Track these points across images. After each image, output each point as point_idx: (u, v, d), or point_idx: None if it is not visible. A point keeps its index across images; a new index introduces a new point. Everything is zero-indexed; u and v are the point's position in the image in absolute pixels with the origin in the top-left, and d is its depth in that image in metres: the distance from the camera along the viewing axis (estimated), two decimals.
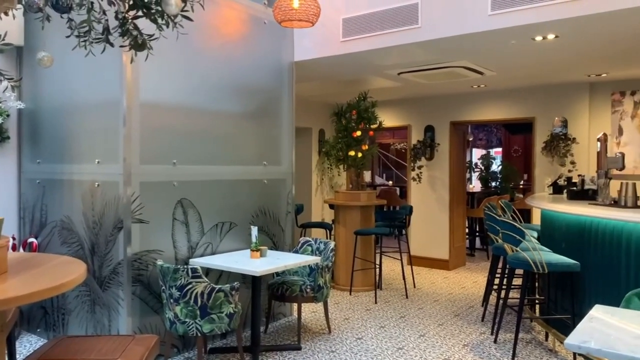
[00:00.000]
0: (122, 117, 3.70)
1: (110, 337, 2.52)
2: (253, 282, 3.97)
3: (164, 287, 3.58)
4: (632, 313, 2.49)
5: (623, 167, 4.57)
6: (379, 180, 13.99)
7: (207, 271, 4.10)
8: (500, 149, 13.68)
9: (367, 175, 6.84)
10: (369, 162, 8.04)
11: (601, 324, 2.35)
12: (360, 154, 6.36)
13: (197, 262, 3.98)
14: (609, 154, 4.82)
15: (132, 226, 3.70)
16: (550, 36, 4.21)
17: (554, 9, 3.71)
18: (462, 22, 4.17)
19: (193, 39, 4.08)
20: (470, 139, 12.98)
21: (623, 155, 4.63)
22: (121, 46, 2.33)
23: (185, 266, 3.48)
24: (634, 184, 4.04)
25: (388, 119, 8.15)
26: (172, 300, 3.51)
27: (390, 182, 13.27)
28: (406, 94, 7.82)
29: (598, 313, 2.49)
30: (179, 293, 3.46)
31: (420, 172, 7.98)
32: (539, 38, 4.27)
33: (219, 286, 3.53)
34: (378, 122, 6.52)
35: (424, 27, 4.37)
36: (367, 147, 6.45)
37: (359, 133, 6.34)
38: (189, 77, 4.15)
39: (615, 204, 4.15)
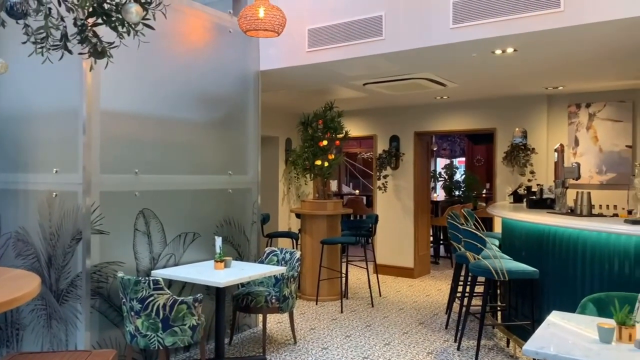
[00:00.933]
0: (81, 125, 3.61)
1: (65, 353, 2.43)
2: (217, 294, 3.91)
3: (124, 300, 3.48)
4: (587, 318, 2.57)
5: (579, 177, 4.74)
6: (345, 189, 14.06)
7: (170, 283, 4.02)
8: (463, 159, 13.98)
9: (333, 185, 6.86)
10: (336, 171, 8.08)
11: (558, 329, 2.41)
12: (326, 164, 6.38)
13: (160, 273, 3.90)
14: (566, 164, 5.00)
15: (91, 237, 3.60)
16: (510, 50, 4.34)
17: (512, 23, 3.83)
18: (425, 34, 4.25)
19: (157, 47, 4.03)
20: (435, 149, 13.23)
21: (579, 165, 4.81)
22: (80, 53, 2.28)
23: (147, 278, 3.40)
24: (589, 193, 4.19)
25: (354, 129, 8.22)
26: (133, 313, 3.42)
27: (357, 191, 13.36)
28: (372, 105, 7.92)
29: (555, 319, 2.56)
30: (140, 305, 3.38)
31: (386, 182, 8.06)
32: (498, 51, 4.40)
33: (182, 298, 3.46)
34: (344, 131, 6.57)
35: (388, 39, 4.44)
36: (333, 156, 6.48)
37: (325, 142, 6.36)
38: (152, 84, 4.08)
39: (572, 212, 4.29)
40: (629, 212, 4.39)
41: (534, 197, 5.26)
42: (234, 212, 4.85)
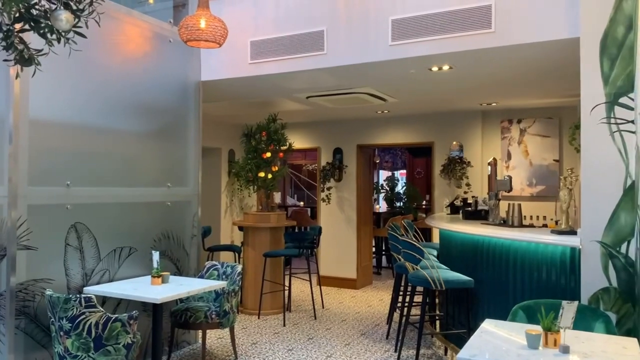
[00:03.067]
0: (7, 134, 3.41)
1: None
2: (154, 310, 3.78)
3: (53, 319, 3.30)
4: (517, 325, 2.68)
5: (511, 189, 4.97)
6: (290, 200, 14.05)
7: (104, 300, 3.85)
8: (404, 171, 14.33)
9: (277, 197, 6.82)
10: (280, 183, 8.06)
11: (491, 336, 2.51)
12: (270, 175, 6.36)
13: (92, 290, 3.73)
14: (499, 177, 5.23)
15: (17, 253, 3.39)
16: (445, 67, 4.51)
17: (447, 42, 3.99)
18: (365, 50, 4.35)
19: (92, 54, 3.89)
20: (377, 161, 13.48)
21: (511, 178, 5.04)
22: (5, 60, 2.16)
23: (78, 295, 3.24)
24: (520, 205, 4.41)
25: (298, 141, 8.25)
26: (62, 333, 3.24)
27: (302, 203, 13.38)
28: (316, 117, 7.98)
29: (488, 326, 2.66)
30: (70, 325, 3.21)
31: (330, 193, 8.13)
32: (435, 68, 4.56)
33: (116, 315, 3.32)
34: (288, 143, 6.57)
35: (329, 53, 4.51)
36: (277, 168, 6.46)
37: (268, 154, 6.34)
38: (86, 93, 3.93)
39: (504, 223, 4.49)
40: (557, 223, 4.66)
41: (470, 208, 5.47)
42: (173, 226, 4.72)
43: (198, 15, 4.04)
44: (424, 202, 11.46)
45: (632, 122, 3.13)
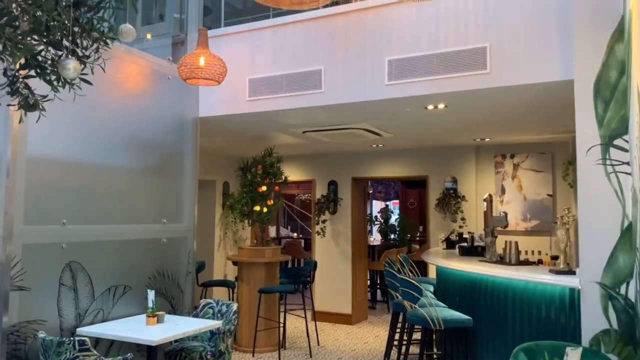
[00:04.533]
0: (5, 172, 3.38)
1: None
2: (148, 352, 3.70)
3: None
4: None
5: (507, 225, 4.99)
6: (283, 231, 13.97)
7: (97, 341, 3.76)
8: (397, 201, 14.35)
9: (272, 230, 6.78)
10: (274, 216, 8.03)
11: None
12: (265, 209, 6.33)
13: (86, 331, 3.65)
14: (494, 213, 5.26)
15: (10, 294, 3.32)
16: (441, 105, 4.58)
17: (443, 82, 4.06)
18: (362, 89, 4.41)
19: (91, 92, 3.89)
20: (370, 192, 13.50)
21: (506, 214, 5.07)
22: (9, 105, 2.16)
23: (72, 338, 3.16)
24: (517, 243, 4.41)
25: (293, 173, 8.26)
26: None
27: (295, 234, 13.30)
28: (311, 150, 8.02)
29: None
30: None
31: (324, 226, 8.10)
32: (430, 107, 4.63)
33: (110, 359, 3.24)
34: (283, 177, 6.58)
35: (326, 92, 4.56)
36: (272, 202, 6.45)
37: (264, 188, 6.33)
38: (85, 130, 3.93)
39: (501, 260, 4.48)
40: (552, 258, 4.67)
41: (466, 244, 5.46)
42: (168, 263, 4.67)
43: (197, 54, 4.10)
44: (418, 234, 11.45)
45: (628, 163, 3.18)
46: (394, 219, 11.75)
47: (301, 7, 3.03)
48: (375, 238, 11.46)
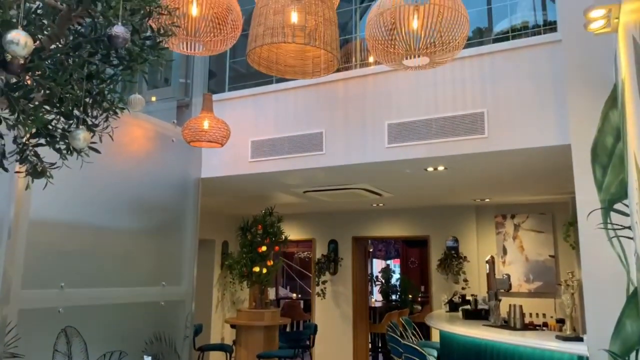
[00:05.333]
0: (6, 232, 3.37)
1: None
2: None
3: None
4: None
5: (510, 288, 4.93)
6: (282, 291, 13.71)
7: None
8: (398, 260, 14.20)
9: (271, 292, 6.67)
10: (274, 277, 7.92)
11: None
12: (265, 270, 6.26)
13: None
14: (497, 275, 5.20)
15: None
16: (440, 168, 4.64)
17: (442, 146, 4.13)
18: (362, 151, 4.48)
19: (95, 154, 3.95)
20: (371, 250, 13.39)
21: (509, 276, 5.02)
22: (17, 172, 2.19)
23: None
24: (521, 307, 4.34)
25: (293, 233, 8.22)
26: None
27: (294, 295, 13.06)
28: (311, 209, 8.03)
29: None
30: None
31: (325, 288, 7.97)
32: (430, 169, 4.69)
33: None
34: (284, 237, 6.54)
35: (328, 154, 4.63)
36: (272, 262, 6.38)
37: (264, 248, 6.29)
38: (88, 192, 3.96)
39: (506, 324, 4.39)
40: (558, 321, 4.57)
41: (469, 307, 5.37)
42: (166, 327, 4.56)
43: (202, 117, 4.20)
44: (420, 294, 11.26)
45: (629, 228, 3.18)
46: (395, 278, 11.60)
47: (304, 76, 3.13)
48: (377, 299, 11.25)
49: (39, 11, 1.75)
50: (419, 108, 4.28)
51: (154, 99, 5.84)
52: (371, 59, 4.98)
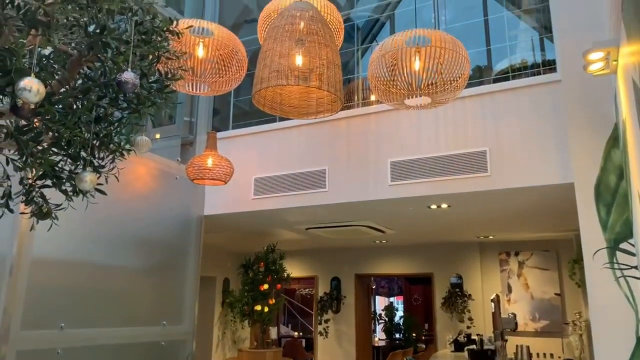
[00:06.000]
0: (8, 269, 3.35)
1: None
2: None
3: None
4: None
5: (516, 328, 4.85)
6: (283, 329, 13.47)
7: None
8: (401, 296, 14.00)
9: (272, 331, 6.56)
10: (275, 316, 7.80)
11: None
12: (266, 309, 6.18)
13: None
14: (503, 315, 5.12)
15: None
16: (444, 205, 4.64)
17: (445, 184, 4.14)
18: (365, 189, 4.49)
19: (99, 194, 3.97)
20: (374, 287, 13.22)
21: (515, 316, 4.94)
22: (22, 213, 2.19)
23: None
24: (528, 347, 4.25)
25: (295, 269, 8.14)
26: None
27: (296, 333, 12.82)
28: (313, 246, 7.98)
29: None
30: None
31: (327, 326, 7.84)
32: (433, 206, 4.68)
33: None
34: (286, 274, 6.49)
35: (330, 191, 4.64)
36: (274, 301, 6.30)
37: (266, 286, 6.23)
38: (90, 230, 3.95)
39: None
40: None
41: (475, 347, 5.26)
42: None
43: (206, 155, 4.23)
44: (424, 332, 11.04)
45: (636, 267, 3.15)
46: (398, 316, 11.41)
47: (308, 117, 3.17)
48: (380, 337, 11.03)
49: (50, 57, 1.79)
50: (422, 146, 4.31)
51: (158, 136, 5.90)
52: (373, 97, 5.05)
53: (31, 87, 1.45)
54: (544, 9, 4.62)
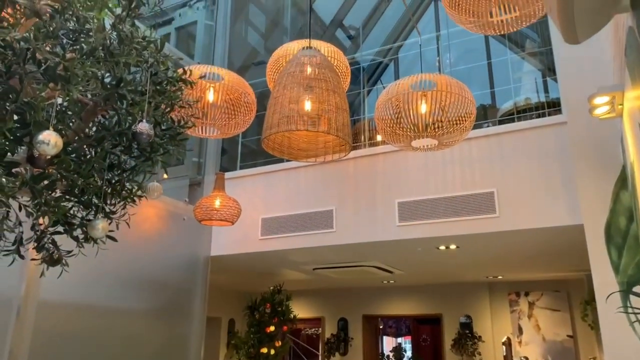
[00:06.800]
0: (15, 314, 3.32)
1: None
2: None
3: None
4: None
5: None
6: None
7: None
8: (409, 336, 13.70)
9: None
10: (282, 359, 7.64)
11: None
12: (273, 351, 6.06)
13: None
14: (514, 357, 4.99)
15: None
16: (452, 246, 4.60)
17: (453, 225, 4.12)
18: (373, 230, 4.47)
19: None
20: (381, 327, 12.96)
21: (527, 359, 4.81)
22: (33, 259, 2.20)
23: None
24: None
25: (302, 310, 8.03)
26: None
27: None
28: (320, 286, 7.89)
29: None
30: None
31: None
32: (442, 247, 4.65)
33: None
34: (292, 315, 6.39)
35: (338, 231, 4.63)
36: (280, 343, 6.19)
37: (272, 328, 6.13)
38: (97, 273, 3.93)
39: None
40: None
41: None
42: None
43: (214, 196, 4.25)
44: None
45: None
46: (406, 357, 11.14)
47: (316, 160, 3.20)
48: None
49: (66, 107, 1.83)
50: (429, 187, 4.31)
51: (166, 176, 5.96)
52: (379, 137, 5.10)
53: (49, 140, 1.48)
54: (547, 51, 4.71)
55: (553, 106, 4.61)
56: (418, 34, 5.15)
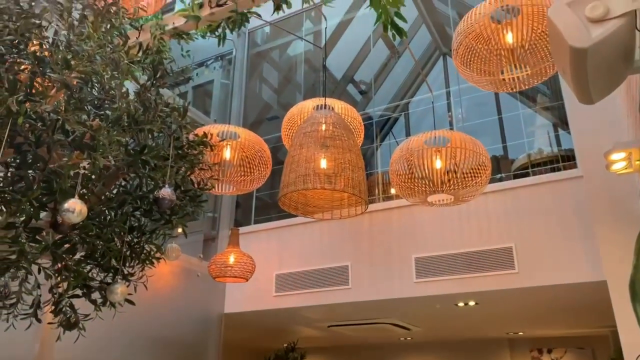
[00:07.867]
0: None
1: None
2: None
3: None
4: None
5: None
6: None
7: None
8: None
9: None
10: None
11: None
12: None
13: None
14: None
15: None
16: (471, 303, 4.49)
17: (472, 281, 4.04)
18: (389, 286, 4.39)
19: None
20: None
21: None
22: (49, 323, 2.18)
23: None
24: None
25: None
26: None
27: None
28: (336, 343, 7.68)
29: None
30: None
31: None
32: (461, 304, 4.53)
33: None
34: None
35: (354, 288, 4.55)
36: None
37: None
38: (111, 331, 3.87)
39: None
40: None
41: None
42: None
43: (228, 252, 4.23)
44: None
45: None
46: None
47: (332, 217, 3.20)
48: None
49: (92, 175, 1.86)
50: (445, 241, 4.26)
51: (180, 231, 5.96)
52: (393, 191, 5.10)
53: (74, 209, 1.50)
54: (559, 105, 4.75)
55: (567, 159, 4.60)
56: (430, 90, 5.25)
